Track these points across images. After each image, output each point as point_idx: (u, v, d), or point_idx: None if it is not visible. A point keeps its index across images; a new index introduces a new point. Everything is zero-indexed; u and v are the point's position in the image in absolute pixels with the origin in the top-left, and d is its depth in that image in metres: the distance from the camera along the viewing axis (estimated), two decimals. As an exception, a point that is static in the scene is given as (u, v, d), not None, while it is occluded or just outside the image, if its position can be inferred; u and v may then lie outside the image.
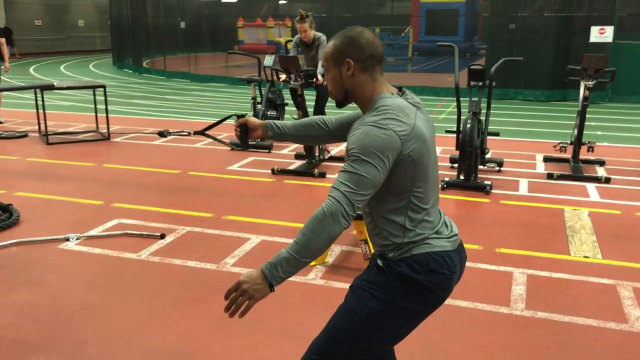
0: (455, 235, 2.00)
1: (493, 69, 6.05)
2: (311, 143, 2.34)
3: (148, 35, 20.41)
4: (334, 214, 1.77)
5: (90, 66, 22.38)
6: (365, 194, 1.80)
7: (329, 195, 1.81)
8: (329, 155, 7.01)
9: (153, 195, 5.72)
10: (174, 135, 2.52)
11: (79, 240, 4.49)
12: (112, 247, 4.38)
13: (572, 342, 3.13)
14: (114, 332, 3.20)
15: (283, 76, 6.57)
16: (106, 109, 8.36)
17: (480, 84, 6.03)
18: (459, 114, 6.10)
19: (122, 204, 5.40)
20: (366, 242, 3.92)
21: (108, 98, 8.49)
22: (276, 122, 2.30)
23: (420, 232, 1.90)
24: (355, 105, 1.99)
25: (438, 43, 6.71)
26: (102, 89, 8.39)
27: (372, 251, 3.88)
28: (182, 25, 21.94)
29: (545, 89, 12.74)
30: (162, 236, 4.55)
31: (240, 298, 1.82)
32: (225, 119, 2.58)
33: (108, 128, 8.38)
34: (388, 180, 1.83)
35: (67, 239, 4.48)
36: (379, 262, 1.96)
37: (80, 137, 8.48)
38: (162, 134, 2.53)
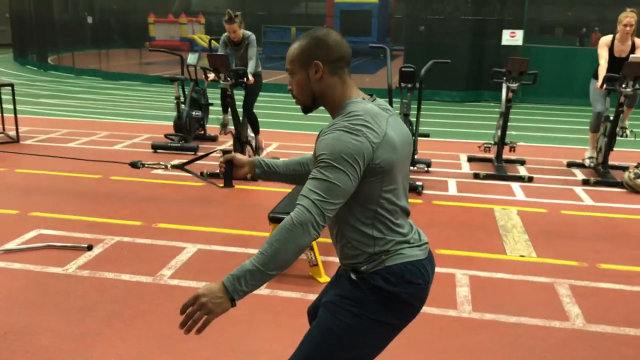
0: (426, 243, 1.94)
1: (423, 71, 6.12)
2: (302, 182, 2.14)
3: (54, 30, 19.29)
4: (304, 224, 1.66)
5: (-12, 62, 20.89)
6: (337, 203, 1.71)
7: (297, 204, 1.70)
8: (263, 154, 6.86)
9: (74, 202, 5.34)
10: (147, 167, 2.32)
11: (-5, 255, 4.11)
12: (34, 261, 4.03)
13: (522, 343, 3.17)
14: (46, 358, 2.93)
15: (212, 75, 6.34)
16: (14, 109, 7.77)
17: (410, 85, 6.08)
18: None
19: (41, 212, 5.01)
20: (311, 249, 3.82)
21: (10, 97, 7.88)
22: (265, 159, 2.14)
23: (391, 240, 1.83)
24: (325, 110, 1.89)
25: (370, 44, 6.71)
26: (9, 88, 7.78)
27: (318, 258, 3.80)
28: (90, 20, 20.93)
29: (460, 90, 13.15)
30: (90, 247, 4.25)
31: (197, 313, 1.67)
32: (209, 154, 2.39)
33: (17, 130, 7.79)
34: (357, 189, 1.75)
35: (-18, 254, 4.08)
36: (352, 276, 1.87)
37: (-16, 139, 7.84)
38: (134, 165, 2.31)
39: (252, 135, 6.92)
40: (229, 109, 6.42)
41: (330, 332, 1.84)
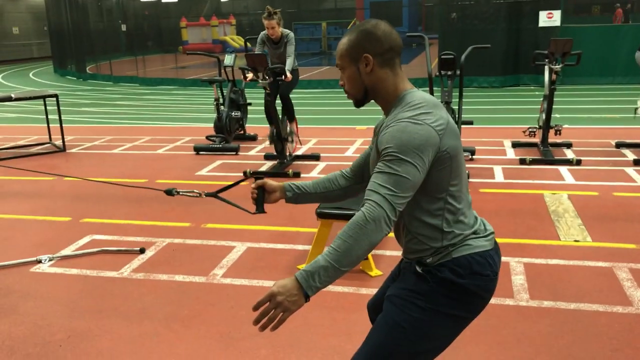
0: (492, 233, 1.90)
1: (463, 57, 6.02)
2: (333, 200, 2.16)
3: (90, 39, 19.72)
4: (376, 220, 1.63)
5: (31, 75, 21.45)
6: (407, 196, 1.67)
7: (367, 200, 1.67)
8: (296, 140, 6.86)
9: (123, 207, 5.44)
10: (182, 194, 2.36)
11: (52, 262, 4.20)
12: (90, 266, 4.11)
13: (584, 329, 3.09)
14: None
15: (250, 75, 6.36)
16: (60, 119, 7.96)
17: (450, 73, 5.99)
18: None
19: (92, 218, 5.11)
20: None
21: (55, 107, 8.07)
22: (295, 182, 2.13)
23: (459, 233, 1.80)
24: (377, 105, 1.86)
25: (408, 34, 6.64)
26: (53, 99, 7.97)
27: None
28: (124, 27, 21.33)
29: (498, 75, 12.92)
30: (142, 250, 4.31)
31: (273, 311, 1.66)
32: (240, 182, 2.40)
33: (63, 139, 7.98)
34: (425, 179, 1.71)
35: (39, 261, 4.19)
36: (418, 269, 1.84)
37: (33, 150, 8.05)
38: (169, 193, 2.34)
39: (288, 124, 6.90)
40: (271, 116, 6.39)
41: (397, 327, 1.81)
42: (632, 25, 12.60)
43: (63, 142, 7.97)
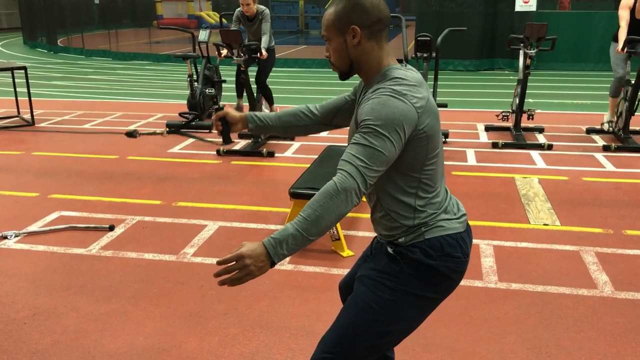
0: (464, 215, 1.90)
1: (439, 39, 6.01)
2: (296, 134, 2.16)
3: (62, 11, 19.21)
4: (348, 191, 1.62)
5: (-1, 46, 20.89)
6: (379, 170, 1.66)
7: (340, 170, 1.65)
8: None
9: (93, 183, 5.34)
10: (144, 134, 2.26)
11: (18, 238, 4.12)
12: (58, 242, 4.04)
13: (550, 311, 3.14)
14: (74, 338, 2.94)
15: (225, 52, 6.27)
16: (28, 92, 7.76)
17: (426, 55, 5.98)
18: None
19: (61, 194, 5.02)
20: (333, 223, 3.78)
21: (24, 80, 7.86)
22: (257, 113, 2.11)
23: (432, 212, 1.79)
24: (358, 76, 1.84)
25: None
26: (22, 71, 7.76)
27: (340, 232, 3.78)
28: (97, 0, 20.82)
29: (474, 58, 12.95)
30: (111, 228, 4.25)
31: (238, 271, 1.63)
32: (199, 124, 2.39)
33: (32, 113, 7.79)
34: (400, 156, 1.70)
35: (5, 237, 4.10)
36: (389, 250, 1.84)
37: (0, 123, 7.85)
38: (131, 134, 2.28)
39: (268, 107, 6.87)
40: (244, 90, 6.37)
41: (367, 307, 1.81)
42: (605, 13, 12.68)
43: (32, 116, 7.79)
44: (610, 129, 6.81)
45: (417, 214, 1.79)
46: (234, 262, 1.63)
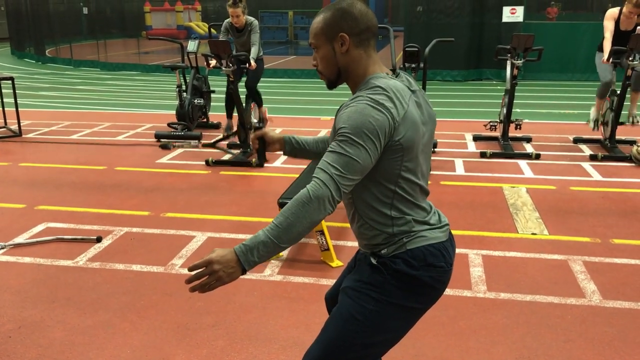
0: (447, 224, 1.89)
1: (427, 50, 6.04)
2: None
3: (50, 22, 19.15)
4: (320, 199, 1.62)
5: (-14, 56, 20.77)
6: (354, 179, 1.66)
7: (314, 177, 1.65)
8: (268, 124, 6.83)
9: (80, 194, 5.31)
10: (177, 146, 2.24)
11: (4, 250, 4.08)
12: (44, 254, 4.00)
13: (538, 321, 3.15)
14: (59, 352, 2.90)
15: (213, 62, 6.27)
16: (15, 102, 7.72)
17: (414, 65, 6.02)
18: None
19: (48, 206, 4.98)
20: (322, 233, 3.79)
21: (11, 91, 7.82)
22: (295, 136, 2.11)
23: (410, 220, 1.78)
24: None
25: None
26: (9, 82, 7.71)
27: (329, 242, 3.77)
28: (85, 10, 20.79)
29: (461, 69, 13.04)
30: (99, 239, 4.22)
31: (207, 277, 1.63)
32: (231, 135, 2.43)
33: (19, 123, 7.73)
34: (375, 166, 1.69)
35: (-9, 249, 4.06)
36: (373, 261, 1.83)
37: (-14, 134, 7.79)
38: (165, 147, 2.28)
39: (258, 109, 6.86)
40: (233, 109, 6.37)
41: (351, 319, 1.80)
42: (591, 24, 12.82)
43: (19, 126, 7.73)
44: (596, 128, 6.86)
45: (395, 221, 1.78)
46: (204, 268, 1.63)
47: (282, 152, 2.12)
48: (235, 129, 6.63)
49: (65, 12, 20.59)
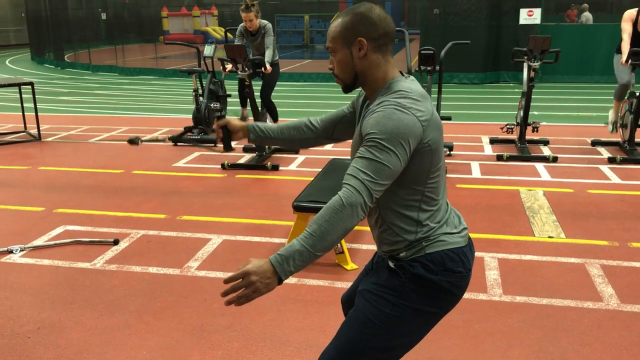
0: (465, 228, 1.89)
1: (443, 53, 6.03)
2: (297, 147, 2.17)
3: (69, 27, 19.40)
4: (353, 205, 1.62)
5: (7, 62, 21.07)
6: (385, 184, 1.66)
7: (345, 184, 1.65)
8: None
9: (98, 198, 5.37)
10: (146, 142, 2.28)
11: (23, 252, 4.14)
12: (62, 257, 4.06)
13: (555, 324, 3.12)
14: (77, 352, 2.94)
15: (229, 66, 6.31)
16: (35, 107, 7.83)
17: (430, 68, 6.00)
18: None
19: (66, 209, 5.04)
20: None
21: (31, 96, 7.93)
22: (259, 124, 2.11)
23: (433, 226, 1.78)
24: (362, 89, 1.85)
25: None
26: (28, 87, 7.83)
27: (344, 245, 3.77)
28: (104, 16, 21.03)
29: (479, 71, 12.98)
30: (116, 242, 4.26)
31: (244, 289, 1.63)
32: (200, 140, 2.43)
33: (38, 128, 7.85)
34: (404, 170, 1.69)
35: (10, 251, 4.12)
36: (391, 264, 1.83)
37: (7, 138, 7.91)
38: (133, 142, 2.30)
39: (272, 122, 6.91)
40: (247, 101, 6.41)
41: (368, 322, 1.79)
42: (609, 25, 12.70)
43: (38, 131, 7.85)
44: (614, 131, 6.79)
45: (420, 228, 1.78)
46: (241, 280, 1.63)
47: (247, 139, 2.13)
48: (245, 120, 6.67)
49: (83, 18, 20.85)
